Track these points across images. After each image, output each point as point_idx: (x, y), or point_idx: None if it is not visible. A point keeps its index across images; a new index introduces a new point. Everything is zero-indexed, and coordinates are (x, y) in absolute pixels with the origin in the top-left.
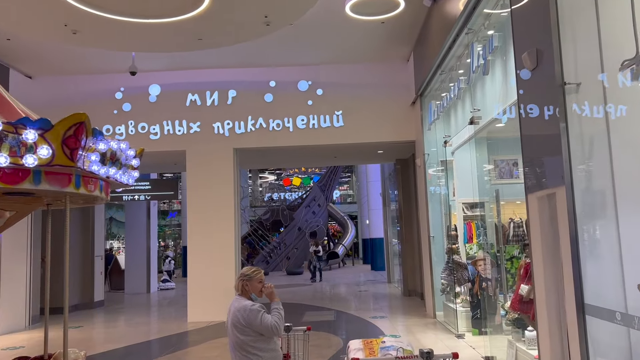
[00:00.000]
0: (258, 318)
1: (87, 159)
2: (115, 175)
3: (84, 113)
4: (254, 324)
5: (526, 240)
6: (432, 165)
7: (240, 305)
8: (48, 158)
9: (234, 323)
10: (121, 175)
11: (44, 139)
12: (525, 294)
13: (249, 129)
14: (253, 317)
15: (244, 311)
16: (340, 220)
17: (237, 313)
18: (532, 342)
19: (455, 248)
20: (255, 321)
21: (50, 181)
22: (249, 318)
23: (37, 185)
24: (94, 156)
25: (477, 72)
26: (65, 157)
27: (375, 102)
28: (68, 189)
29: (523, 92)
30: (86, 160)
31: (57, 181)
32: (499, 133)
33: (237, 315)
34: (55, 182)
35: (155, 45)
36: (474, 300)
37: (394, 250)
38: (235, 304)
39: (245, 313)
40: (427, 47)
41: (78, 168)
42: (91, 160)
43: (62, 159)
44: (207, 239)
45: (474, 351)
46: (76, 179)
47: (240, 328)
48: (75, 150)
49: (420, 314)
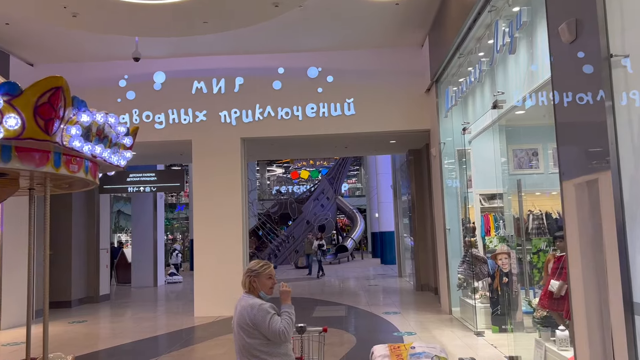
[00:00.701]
0: (267, 319)
1: (66, 133)
2: (102, 154)
3: (61, 77)
4: (260, 326)
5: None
6: (448, 155)
7: (247, 304)
8: (17, 129)
9: (240, 324)
10: (110, 155)
11: (12, 106)
12: (556, 291)
13: (257, 118)
14: (261, 317)
15: (250, 310)
16: (349, 214)
17: (244, 312)
18: (564, 343)
19: (474, 241)
20: (262, 322)
21: (22, 159)
22: (256, 318)
23: (5, 163)
24: (74, 129)
25: (502, 51)
26: (39, 129)
27: (388, 89)
28: (45, 168)
29: (558, 67)
30: (65, 134)
31: (31, 159)
32: (519, 121)
33: (243, 315)
34: (28, 160)
35: (158, 29)
36: (494, 295)
37: (405, 244)
38: (242, 302)
39: (252, 312)
40: (444, 30)
41: (55, 143)
42: (71, 134)
43: (34, 132)
44: (214, 231)
45: (496, 350)
46: (55, 157)
47: (247, 330)
48: (50, 121)
49: (435, 310)
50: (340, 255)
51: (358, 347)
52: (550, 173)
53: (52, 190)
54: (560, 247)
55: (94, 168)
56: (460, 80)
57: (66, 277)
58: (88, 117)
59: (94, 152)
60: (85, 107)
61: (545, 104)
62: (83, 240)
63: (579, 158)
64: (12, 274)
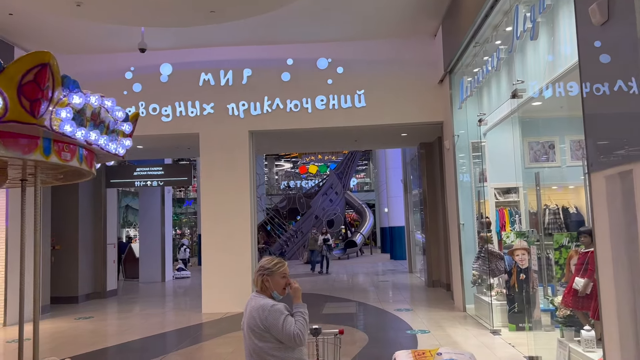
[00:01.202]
0: (280, 321)
1: (55, 116)
2: (98, 141)
3: (48, 52)
4: (273, 328)
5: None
6: (462, 148)
7: (258, 304)
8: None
9: (251, 326)
10: (107, 142)
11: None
12: (581, 289)
13: (265, 110)
14: (274, 319)
15: (262, 311)
16: (358, 208)
17: (255, 313)
18: (590, 344)
19: (489, 236)
20: (275, 325)
21: (7, 145)
22: (268, 320)
23: None
24: (64, 112)
25: (523, 37)
26: (24, 111)
27: (400, 81)
28: (33, 156)
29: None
30: (55, 117)
31: (17, 145)
32: (535, 113)
33: (254, 317)
34: (13, 146)
35: (164, 19)
36: (511, 293)
37: (415, 239)
38: (252, 302)
39: (264, 314)
40: (459, 18)
41: (44, 127)
42: (62, 118)
43: (19, 114)
44: (221, 226)
45: (514, 350)
46: (45, 144)
47: (258, 332)
48: (37, 102)
49: (448, 307)
50: (349, 250)
51: (370, 346)
52: (568, 166)
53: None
54: (585, 242)
55: (89, 157)
56: (475, 71)
57: (73, 273)
58: (80, 98)
59: (89, 139)
60: (77, 87)
61: (562, 95)
62: (90, 235)
63: (611, 148)
64: (17, 270)
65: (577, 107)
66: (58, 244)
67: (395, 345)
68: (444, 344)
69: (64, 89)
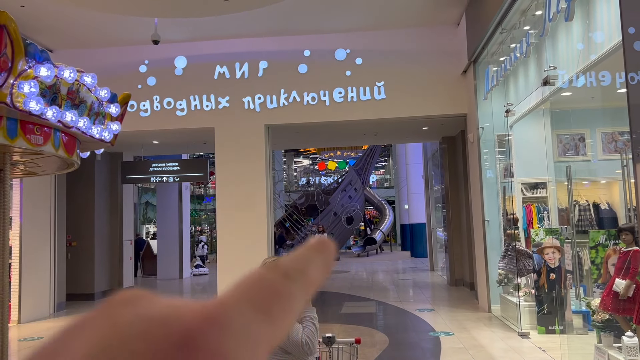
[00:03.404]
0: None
1: (18, 91)
2: (78, 123)
3: (4, 12)
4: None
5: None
6: (487, 141)
7: None
8: None
9: None
10: (90, 126)
11: None
12: (623, 291)
13: (282, 104)
14: None
15: None
16: (378, 205)
17: None
18: (632, 351)
19: (516, 234)
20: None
21: None
22: None
23: None
24: (27, 86)
25: (556, 19)
26: None
27: (422, 72)
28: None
29: (632, 40)
30: (17, 92)
31: None
32: (564, 104)
33: None
34: None
35: (177, 9)
36: (540, 293)
37: (436, 236)
38: None
39: None
40: (484, 3)
41: (3, 104)
42: (25, 92)
43: None
44: (238, 222)
45: (546, 355)
46: (10, 125)
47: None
48: None
49: (472, 307)
50: (368, 247)
51: (391, 348)
52: (600, 160)
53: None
54: (627, 240)
55: (70, 142)
56: (501, 59)
57: (89, 269)
58: (49, 71)
59: (64, 120)
60: (46, 58)
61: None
62: (106, 232)
63: None
64: (33, 264)
65: (609, 97)
66: (74, 241)
67: (418, 348)
68: (469, 347)
69: (29, 59)
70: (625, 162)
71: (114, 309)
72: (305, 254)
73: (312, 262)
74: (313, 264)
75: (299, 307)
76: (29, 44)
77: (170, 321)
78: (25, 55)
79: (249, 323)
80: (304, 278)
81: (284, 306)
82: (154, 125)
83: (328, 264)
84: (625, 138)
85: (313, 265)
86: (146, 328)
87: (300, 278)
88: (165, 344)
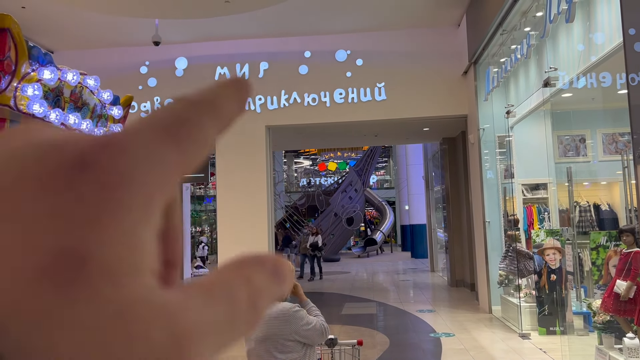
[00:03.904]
0: (306, 320)
1: (21, 94)
2: (80, 125)
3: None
4: (301, 331)
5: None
6: (488, 142)
7: (277, 311)
8: None
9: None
10: (91, 127)
11: None
12: (624, 292)
13: (282, 105)
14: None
15: (286, 316)
16: (378, 206)
17: (276, 321)
18: (634, 352)
19: (517, 235)
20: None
21: None
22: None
23: None
24: (32, 89)
25: (557, 21)
26: None
27: (422, 73)
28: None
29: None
30: (21, 95)
31: None
32: (564, 105)
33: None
34: None
35: (178, 10)
36: (541, 294)
37: (437, 237)
38: None
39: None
40: (485, 5)
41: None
42: (29, 95)
43: None
44: (238, 223)
45: (546, 356)
46: None
47: (282, 342)
48: None
49: (473, 308)
50: (369, 248)
51: (392, 350)
52: (600, 161)
53: None
54: (627, 242)
55: None
56: (502, 60)
57: None
58: (52, 74)
59: (67, 122)
60: (49, 61)
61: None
62: None
63: None
64: None
65: (610, 98)
66: None
67: (418, 349)
68: (469, 348)
69: (33, 62)
70: (626, 163)
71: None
72: (218, 88)
73: (223, 96)
74: (225, 97)
75: (209, 138)
76: (33, 47)
77: (67, 145)
78: (29, 58)
79: (151, 147)
80: (214, 109)
81: (191, 134)
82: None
83: (242, 100)
84: (625, 139)
85: (225, 99)
86: (40, 152)
87: (210, 109)
88: (59, 165)
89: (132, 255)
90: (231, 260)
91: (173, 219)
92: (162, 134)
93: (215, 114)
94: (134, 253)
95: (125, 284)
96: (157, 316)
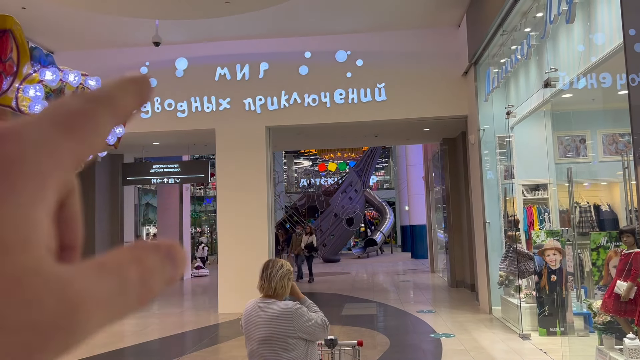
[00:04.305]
0: (305, 317)
1: (23, 95)
2: None
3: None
4: (304, 328)
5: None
6: (488, 143)
7: (280, 310)
8: None
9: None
10: None
11: None
12: (624, 293)
13: (282, 105)
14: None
15: (289, 314)
16: (378, 207)
17: (279, 320)
18: (634, 353)
19: (517, 235)
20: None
21: None
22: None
23: None
24: (33, 90)
25: (557, 21)
26: None
27: (423, 73)
28: None
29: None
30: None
31: None
32: (565, 106)
33: (279, 324)
34: None
35: (178, 11)
36: (541, 295)
37: (437, 238)
38: (270, 310)
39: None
40: (485, 5)
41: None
42: (31, 97)
43: None
44: (238, 224)
45: (546, 356)
46: None
47: (285, 341)
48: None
49: (473, 309)
50: (369, 249)
51: (392, 350)
52: (600, 161)
53: None
54: (628, 242)
55: None
56: (502, 61)
57: None
58: (54, 75)
59: None
60: (51, 63)
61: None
62: (107, 233)
63: None
64: None
65: (610, 99)
66: None
67: (419, 350)
68: (470, 348)
69: (34, 63)
70: (626, 163)
71: None
72: (118, 84)
73: (122, 91)
74: (123, 92)
75: (105, 128)
76: (34, 47)
77: None
78: (31, 59)
79: (46, 135)
80: (111, 102)
81: (86, 124)
82: (154, 126)
83: (141, 95)
84: (626, 139)
85: (123, 93)
86: None
87: (107, 102)
88: None
89: (24, 231)
90: (129, 244)
91: (73, 206)
92: (57, 124)
93: (112, 107)
94: (27, 229)
95: (18, 254)
96: (49, 284)
